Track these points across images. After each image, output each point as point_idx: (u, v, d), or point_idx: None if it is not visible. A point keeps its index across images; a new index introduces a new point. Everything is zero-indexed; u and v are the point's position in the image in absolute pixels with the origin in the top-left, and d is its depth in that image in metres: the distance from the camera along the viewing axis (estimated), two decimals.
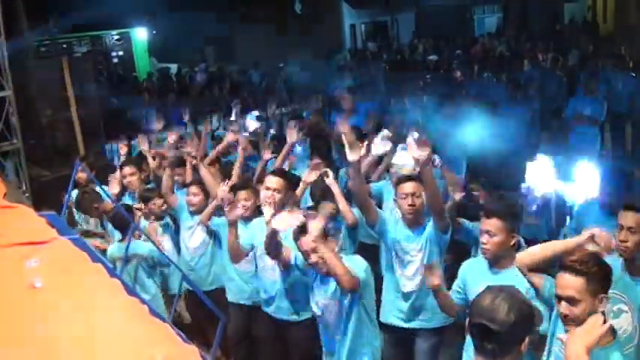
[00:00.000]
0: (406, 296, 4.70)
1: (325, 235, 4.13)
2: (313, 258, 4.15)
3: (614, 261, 3.64)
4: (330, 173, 5.06)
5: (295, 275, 4.77)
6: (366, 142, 4.51)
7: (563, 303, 2.86)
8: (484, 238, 3.84)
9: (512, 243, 3.78)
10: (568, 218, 5.80)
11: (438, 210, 4.44)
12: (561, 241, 3.20)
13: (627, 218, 3.51)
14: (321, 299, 4.31)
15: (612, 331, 2.96)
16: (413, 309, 4.69)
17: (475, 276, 3.96)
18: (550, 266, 3.25)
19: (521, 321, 2.46)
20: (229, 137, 6.96)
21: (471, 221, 4.96)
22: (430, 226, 4.60)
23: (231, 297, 5.54)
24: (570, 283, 2.84)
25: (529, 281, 3.36)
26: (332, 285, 4.20)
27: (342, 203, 4.97)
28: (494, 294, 2.51)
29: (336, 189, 4.96)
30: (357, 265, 4.18)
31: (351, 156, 4.31)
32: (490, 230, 3.80)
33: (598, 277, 2.82)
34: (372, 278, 4.35)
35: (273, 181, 4.96)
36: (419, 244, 4.64)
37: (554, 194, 5.98)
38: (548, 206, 6.00)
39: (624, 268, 3.55)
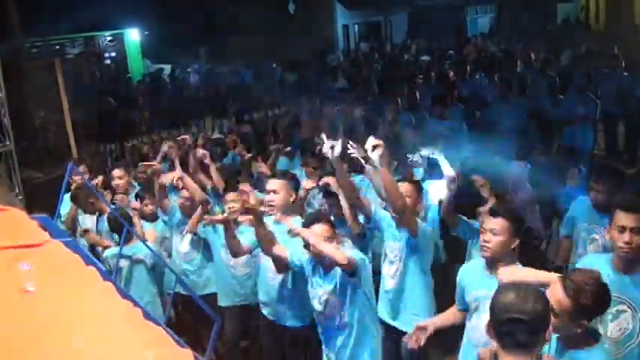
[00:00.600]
0: (387, 294, 4.74)
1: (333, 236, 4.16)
2: (312, 248, 4.12)
3: (601, 261, 3.65)
4: (333, 181, 5.01)
5: (294, 280, 4.73)
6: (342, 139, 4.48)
7: None
8: (487, 236, 3.78)
9: (512, 246, 3.75)
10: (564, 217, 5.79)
11: (397, 210, 4.38)
12: (541, 274, 3.17)
13: (632, 220, 3.47)
14: (323, 294, 4.26)
15: (595, 334, 2.97)
16: (393, 307, 4.71)
17: (472, 280, 3.93)
18: None
19: (545, 309, 2.53)
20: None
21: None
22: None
23: (224, 301, 5.50)
24: (558, 297, 2.83)
25: None
26: (333, 279, 4.18)
27: (347, 212, 4.91)
28: (514, 289, 2.55)
29: (342, 197, 4.89)
30: (354, 253, 4.17)
31: (331, 154, 4.33)
32: (494, 229, 3.75)
33: (586, 308, 2.81)
34: (370, 269, 4.31)
35: (272, 184, 4.90)
36: (399, 244, 4.63)
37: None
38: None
39: (618, 267, 3.54)
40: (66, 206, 6.40)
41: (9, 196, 7.18)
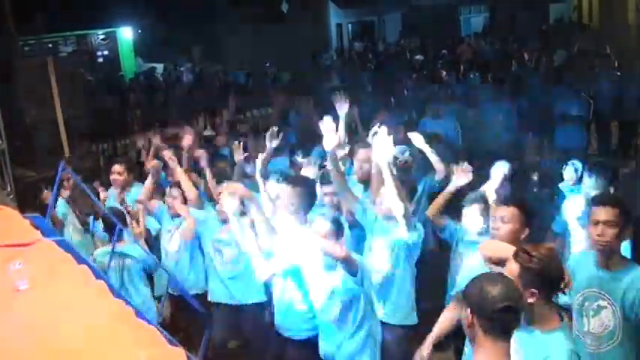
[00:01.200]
0: (373, 287, 4.68)
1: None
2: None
3: (587, 257, 3.67)
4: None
5: (292, 289, 4.60)
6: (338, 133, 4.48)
7: None
8: (497, 224, 3.83)
9: (522, 236, 3.77)
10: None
11: (403, 214, 4.33)
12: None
13: (603, 213, 3.51)
14: (324, 295, 4.23)
15: (559, 315, 3.00)
16: (377, 300, 4.63)
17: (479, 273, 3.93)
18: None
19: (523, 296, 2.71)
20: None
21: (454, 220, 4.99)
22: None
23: (214, 298, 5.46)
24: (511, 268, 2.94)
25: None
26: (336, 278, 4.14)
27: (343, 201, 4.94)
28: (501, 280, 2.64)
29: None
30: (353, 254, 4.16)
31: (327, 144, 4.32)
32: (505, 216, 3.81)
33: (533, 273, 2.88)
34: (369, 274, 4.30)
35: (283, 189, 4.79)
36: (388, 241, 4.60)
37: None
38: None
39: (599, 263, 3.57)
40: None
41: (1, 195, 7.15)
